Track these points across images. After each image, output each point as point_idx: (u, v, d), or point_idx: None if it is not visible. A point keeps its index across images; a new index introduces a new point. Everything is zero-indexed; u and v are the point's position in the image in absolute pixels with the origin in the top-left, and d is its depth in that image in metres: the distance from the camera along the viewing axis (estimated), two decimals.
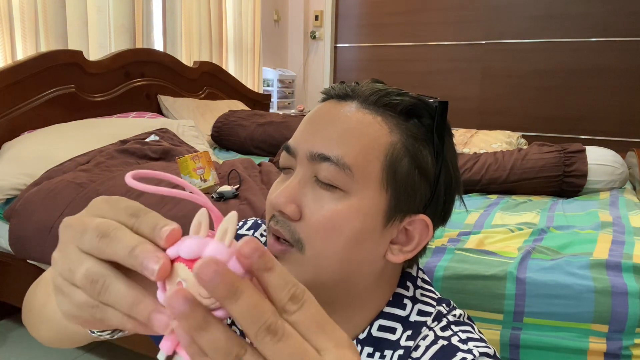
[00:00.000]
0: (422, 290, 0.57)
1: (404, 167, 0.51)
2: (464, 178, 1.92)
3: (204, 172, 1.57)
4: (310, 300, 0.27)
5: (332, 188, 0.50)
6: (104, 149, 1.92)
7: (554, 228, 1.38)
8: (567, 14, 3.39)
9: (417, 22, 3.92)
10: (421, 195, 0.52)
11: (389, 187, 0.51)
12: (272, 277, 0.26)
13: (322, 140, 0.51)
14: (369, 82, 0.56)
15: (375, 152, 0.50)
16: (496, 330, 1.06)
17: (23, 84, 2.03)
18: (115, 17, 2.55)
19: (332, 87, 0.55)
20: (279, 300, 0.26)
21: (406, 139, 0.51)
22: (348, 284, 0.52)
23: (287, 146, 0.53)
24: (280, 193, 0.50)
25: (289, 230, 0.50)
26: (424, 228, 0.53)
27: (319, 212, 0.49)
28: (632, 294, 0.98)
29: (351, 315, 0.55)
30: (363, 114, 0.52)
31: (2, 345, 1.80)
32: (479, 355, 0.49)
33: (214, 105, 2.99)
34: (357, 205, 0.50)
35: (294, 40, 4.37)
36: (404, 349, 0.52)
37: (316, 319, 0.27)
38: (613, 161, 1.88)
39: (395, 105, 0.52)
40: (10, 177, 1.72)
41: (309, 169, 0.51)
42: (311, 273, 0.50)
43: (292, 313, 0.26)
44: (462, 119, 3.72)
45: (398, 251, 0.53)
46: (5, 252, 1.71)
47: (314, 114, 0.54)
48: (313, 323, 0.27)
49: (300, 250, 0.50)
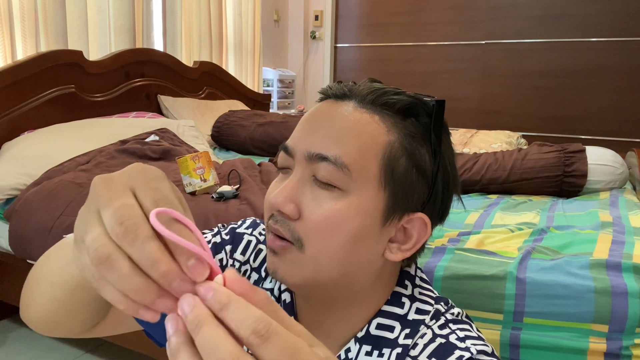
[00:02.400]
0: (421, 288, 0.58)
1: (401, 166, 0.51)
2: (464, 178, 1.92)
3: (204, 172, 1.57)
4: (277, 332, 0.27)
5: (330, 187, 0.50)
6: (104, 149, 1.92)
7: (554, 228, 1.38)
8: (567, 14, 3.39)
9: (417, 22, 3.92)
10: (419, 194, 0.53)
11: (387, 185, 0.51)
12: (229, 312, 0.27)
13: (320, 140, 0.51)
14: (366, 81, 0.56)
15: (373, 151, 0.51)
16: (496, 330, 1.06)
17: (23, 84, 2.03)
18: (115, 17, 2.55)
19: (329, 87, 0.56)
20: (241, 335, 0.27)
21: (404, 137, 0.52)
22: (347, 282, 0.53)
23: (285, 146, 0.54)
24: (279, 192, 0.51)
25: (289, 229, 0.50)
26: (422, 226, 0.53)
27: (318, 211, 0.50)
28: (632, 294, 0.98)
29: (350, 314, 0.55)
30: (360, 113, 0.52)
31: (2, 345, 1.80)
32: (476, 353, 0.49)
33: (214, 105, 2.99)
34: (356, 204, 0.50)
35: (294, 40, 4.37)
36: (402, 347, 0.52)
37: (284, 350, 0.27)
38: (613, 161, 1.88)
39: (392, 104, 0.52)
40: (10, 177, 1.72)
41: (307, 169, 0.51)
42: (310, 272, 0.51)
43: (258, 346, 0.26)
44: (462, 119, 3.72)
45: (397, 250, 0.54)
46: (5, 252, 1.71)
47: (312, 114, 0.54)
48: (281, 355, 0.26)
49: (300, 248, 0.50)
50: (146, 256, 0.28)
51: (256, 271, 0.64)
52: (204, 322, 0.27)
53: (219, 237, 0.66)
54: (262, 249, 0.65)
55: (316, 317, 0.56)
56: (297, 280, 0.51)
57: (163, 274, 0.28)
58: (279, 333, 0.27)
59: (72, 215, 1.49)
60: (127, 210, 0.29)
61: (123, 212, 0.29)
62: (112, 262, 0.29)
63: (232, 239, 0.66)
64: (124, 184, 0.31)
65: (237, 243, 0.65)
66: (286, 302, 0.60)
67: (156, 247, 0.29)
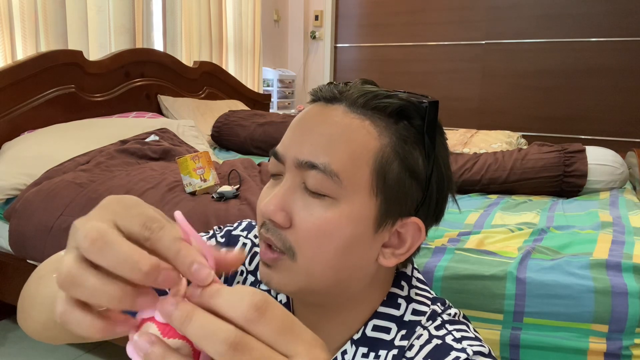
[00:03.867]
0: (417, 289, 0.57)
1: (394, 171, 0.50)
2: (464, 178, 1.92)
3: (204, 172, 1.57)
4: (273, 306, 0.27)
5: (320, 196, 0.49)
6: (104, 149, 1.92)
7: (554, 228, 1.38)
8: (567, 14, 3.39)
9: (417, 22, 3.92)
10: (412, 198, 0.52)
11: (379, 192, 0.50)
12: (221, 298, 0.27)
13: (309, 147, 0.50)
14: (358, 82, 0.55)
15: (364, 158, 0.49)
16: (496, 330, 1.06)
17: (23, 84, 2.02)
18: (115, 17, 2.55)
19: (320, 89, 0.54)
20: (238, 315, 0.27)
21: (396, 141, 0.50)
22: (341, 288, 0.52)
23: (275, 152, 0.53)
24: (270, 201, 0.50)
25: (280, 238, 0.50)
26: (416, 231, 0.52)
27: (309, 219, 0.49)
28: (632, 294, 0.98)
29: (345, 316, 0.55)
30: (350, 118, 0.50)
31: (2, 346, 1.80)
32: (472, 354, 0.49)
33: (214, 105, 2.99)
34: (347, 212, 0.49)
35: (294, 40, 4.37)
36: (398, 349, 0.52)
37: (282, 325, 0.27)
38: (613, 161, 1.88)
39: (383, 108, 0.50)
40: (10, 177, 1.72)
41: (298, 176, 0.50)
42: (303, 280, 0.50)
43: (257, 322, 0.26)
44: (462, 119, 3.72)
45: (390, 255, 0.53)
46: (5, 252, 1.71)
47: (302, 119, 0.53)
48: (279, 329, 0.27)
49: (292, 258, 0.49)
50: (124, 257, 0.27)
51: (252, 274, 0.64)
52: (193, 313, 0.27)
53: (214, 239, 0.66)
54: (258, 252, 0.64)
55: (312, 320, 0.56)
56: (291, 288, 0.51)
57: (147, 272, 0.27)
58: (276, 306, 0.27)
59: (72, 215, 1.49)
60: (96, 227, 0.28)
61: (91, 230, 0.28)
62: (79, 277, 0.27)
63: (228, 241, 0.66)
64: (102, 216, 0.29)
65: (232, 245, 0.65)
66: (283, 303, 0.59)
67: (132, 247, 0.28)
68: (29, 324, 0.51)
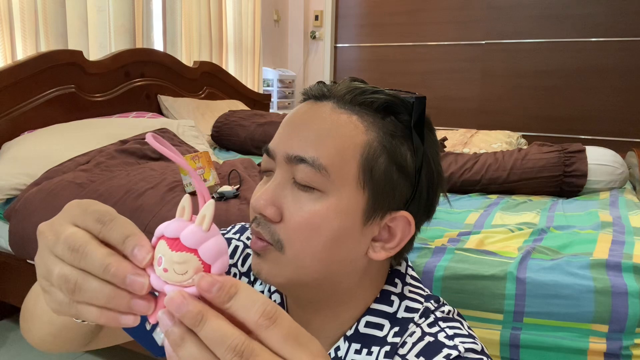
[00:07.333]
0: (411, 287, 0.58)
1: (381, 165, 0.51)
2: (463, 178, 1.92)
3: (204, 172, 1.57)
4: (283, 315, 0.29)
5: (309, 189, 0.50)
6: (104, 149, 1.92)
7: (554, 228, 1.39)
8: (567, 14, 3.40)
9: (417, 22, 3.92)
10: (401, 192, 0.53)
11: (367, 185, 0.51)
12: (237, 300, 0.28)
13: (299, 142, 0.51)
14: (346, 80, 0.56)
15: (351, 152, 0.51)
16: (496, 330, 1.06)
17: (23, 84, 2.03)
18: (115, 17, 2.55)
19: (310, 88, 0.56)
20: (249, 320, 0.28)
21: (383, 136, 0.51)
22: (331, 282, 0.53)
23: (267, 149, 0.54)
24: (260, 196, 0.51)
25: (269, 231, 0.51)
26: (405, 225, 0.53)
27: (298, 213, 0.50)
28: (632, 294, 0.98)
29: (337, 313, 0.55)
30: (338, 114, 0.52)
31: (2, 346, 1.80)
32: (464, 351, 0.49)
33: (214, 105, 2.99)
34: (335, 205, 0.50)
35: (294, 40, 4.37)
36: (391, 345, 0.53)
37: (289, 333, 0.28)
38: (613, 161, 1.88)
39: (370, 103, 0.52)
40: (10, 177, 1.72)
41: (287, 171, 0.52)
42: (292, 272, 0.51)
43: (266, 328, 0.28)
44: (462, 119, 3.72)
45: (380, 248, 0.54)
46: (5, 252, 1.71)
47: (292, 116, 0.55)
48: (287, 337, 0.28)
49: (280, 250, 0.51)
50: (97, 264, 0.30)
51: (245, 275, 0.65)
52: (207, 316, 0.28)
53: None
54: (250, 254, 0.65)
55: (305, 316, 0.56)
56: (280, 280, 0.52)
57: (114, 274, 0.30)
58: (285, 316, 0.29)
59: None
60: (73, 237, 0.32)
61: (70, 240, 0.32)
62: (81, 285, 0.31)
63: None
64: (64, 220, 0.34)
65: None
66: (277, 303, 0.60)
67: (102, 253, 0.31)
68: (31, 337, 0.54)
